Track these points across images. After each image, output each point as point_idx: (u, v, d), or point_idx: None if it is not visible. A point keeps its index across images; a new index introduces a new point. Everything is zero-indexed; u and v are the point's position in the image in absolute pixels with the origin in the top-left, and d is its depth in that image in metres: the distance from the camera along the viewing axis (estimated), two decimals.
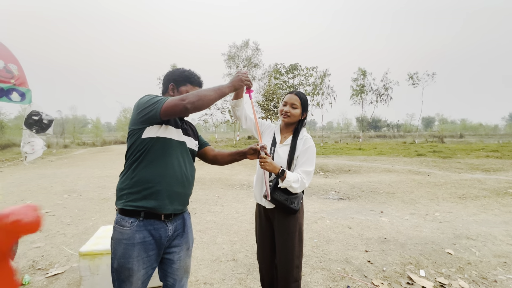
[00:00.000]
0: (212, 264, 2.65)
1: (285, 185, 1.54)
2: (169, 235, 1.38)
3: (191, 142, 1.54)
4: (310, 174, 1.63)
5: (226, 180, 7.08)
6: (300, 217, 1.73)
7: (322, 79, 25.22)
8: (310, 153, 1.65)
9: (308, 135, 1.72)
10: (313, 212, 4.37)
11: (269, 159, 1.51)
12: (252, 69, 29.06)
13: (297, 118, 1.72)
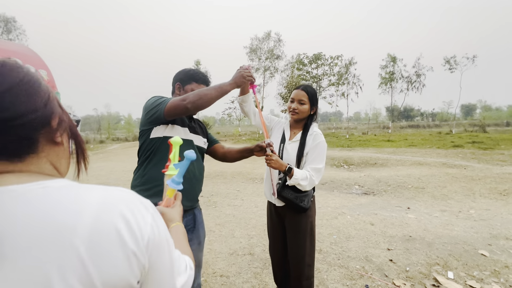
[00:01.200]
0: (229, 257, 2.72)
1: (293, 183, 1.51)
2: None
3: (199, 139, 1.57)
4: (320, 171, 1.58)
5: (247, 174, 7.15)
6: (311, 215, 1.69)
7: (347, 68, 24.15)
8: (320, 150, 1.59)
9: (318, 131, 1.66)
10: (334, 207, 4.26)
11: (275, 157, 1.48)
12: (274, 61, 28.69)
13: (305, 114, 1.66)
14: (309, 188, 1.56)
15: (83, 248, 0.36)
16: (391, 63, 27.95)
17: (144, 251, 0.41)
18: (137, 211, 0.42)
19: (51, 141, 0.46)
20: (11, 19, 20.82)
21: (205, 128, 1.73)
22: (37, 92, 0.43)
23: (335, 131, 26.05)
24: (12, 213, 0.36)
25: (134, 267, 0.40)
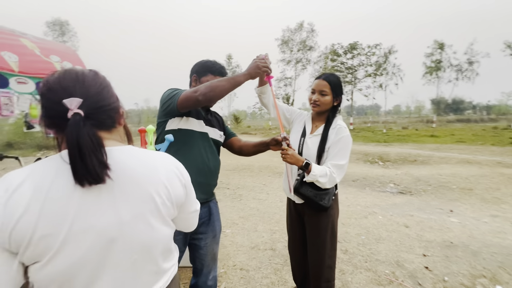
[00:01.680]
0: (250, 251, 2.70)
1: (310, 179, 1.41)
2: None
3: (215, 132, 1.54)
4: (342, 168, 1.45)
5: (274, 168, 7.08)
6: (333, 214, 1.57)
7: (386, 57, 22.41)
8: (343, 144, 1.46)
9: (343, 124, 1.52)
10: (364, 206, 4.00)
11: (291, 151, 1.40)
12: (306, 52, 27.81)
13: (328, 106, 1.53)
14: (330, 186, 1.45)
15: (165, 180, 0.67)
16: (438, 50, 25.27)
17: (185, 183, 0.74)
18: (178, 164, 0.77)
19: (119, 122, 0.69)
20: (65, 22, 23.27)
21: (222, 121, 1.70)
22: (113, 90, 0.67)
23: (371, 125, 24.52)
24: (123, 160, 0.62)
25: (184, 191, 0.74)
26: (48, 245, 0.52)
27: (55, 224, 0.53)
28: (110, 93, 0.65)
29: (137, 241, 0.62)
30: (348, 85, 22.76)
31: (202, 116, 1.49)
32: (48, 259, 0.53)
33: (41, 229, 0.52)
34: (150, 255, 0.66)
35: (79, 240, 0.55)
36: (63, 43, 2.61)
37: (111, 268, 0.60)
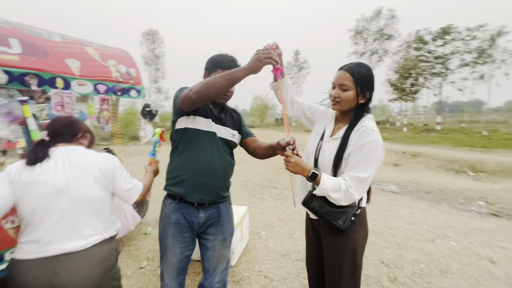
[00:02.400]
0: (281, 258, 2.54)
1: (320, 193, 1.17)
2: (200, 221, 1.43)
3: (226, 131, 1.46)
4: (363, 182, 1.15)
5: None
6: (354, 238, 1.27)
7: (493, 41, 17.77)
8: (367, 152, 1.15)
9: (370, 125, 1.19)
10: (433, 226, 3.26)
11: (295, 159, 1.17)
12: (384, 42, 24.77)
13: (350, 103, 1.24)
14: (345, 203, 1.17)
15: (98, 162, 1.18)
16: None
17: (114, 166, 1.24)
18: (111, 157, 1.26)
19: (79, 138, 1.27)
20: (155, 31, 27.38)
21: (239, 120, 1.59)
22: (75, 124, 1.28)
23: (466, 125, 20.07)
24: (70, 151, 1.17)
25: (112, 171, 1.22)
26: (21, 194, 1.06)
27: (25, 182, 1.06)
28: (71, 126, 1.26)
29: (76, 193, 1.10)
30: (436, 78, 19.14)
31: (213, 115, 1.43)
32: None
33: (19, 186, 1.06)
34: (83, 203, 1.11)
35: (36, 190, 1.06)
36: (123, 49, 3.00)
37: (57, 209, 1.07)
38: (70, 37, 2.38)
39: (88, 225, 1.12)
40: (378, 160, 1.16)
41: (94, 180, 1.14)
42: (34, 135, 1.91)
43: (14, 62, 1.74)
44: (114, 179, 1.22)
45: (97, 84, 2.29)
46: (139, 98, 2.73)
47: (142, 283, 2.18)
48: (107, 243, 1.16)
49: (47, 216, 1.05)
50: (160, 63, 27.97)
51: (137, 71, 2.74)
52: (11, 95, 1.79)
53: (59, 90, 2.00)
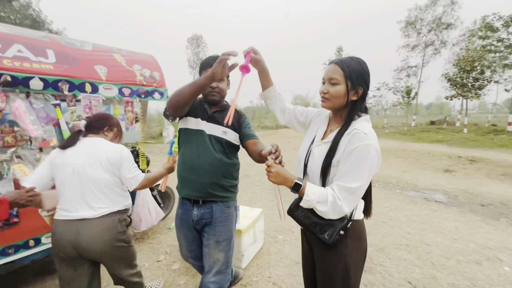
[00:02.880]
0: (293, 266, 2.42)
1: (306, 206, 1.06)
2: (194, 219, 1.51)
3: (217, 129, 1.48)
4: (354, 193, 1.01)
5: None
6: (347, 254, 1.13)
7: None
8: (358, 159, 1.00)
9: (363, 128, 1.04)
10: (481, 246, 2.75)
11: (275, 168, 1.06)
12: (441, 32, 22.06)
13: (340, 99, 1.09)
14: (334, 217, 1.04)
15: (108, 151, 1.44)
16: None
17: (122, 156, 1.47)
18: (122, 148, 1.51)
19: (104, 131, 1.57)
20: (199, 36, 28.97)
21: (239, 119, 1.57)
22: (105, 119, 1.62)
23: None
24: (91, 141, 1.48)
25: (120, 160, 1.46)
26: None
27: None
28: (100, 120, 1.59)
29: (87, 175, 1.39)
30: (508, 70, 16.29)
31: (206, 114, 1.50)
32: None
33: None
34: (93, 183, 1.40)
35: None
36: (150, 54, 3.21)
37: (75, 186, 1.38)
38: (101, 45, 2.62)
39: (97, 200, 1.41)
40: (371, 168, 1.01)
41: (101, 166, 1.41)
42: (65, 135, 2.15)
43: (49, 71, 1.97)
44: (120, 167, 1.46)
45: (122, 88, 2.47)
46: (162, 100, 2.88)
47: (156, 276, 2.29)
48: (114, 215, 1.44)
49: (69, 191, 1.38)
50: None
51: (161, 75, 2.89)
52: (47, 99, 2.04)
53: (87, 94, 2.21)
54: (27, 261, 2.04)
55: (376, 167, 1.03)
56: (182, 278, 2.26)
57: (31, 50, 1.96)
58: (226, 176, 1.51)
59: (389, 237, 2.92)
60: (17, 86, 1.84)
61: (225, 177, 1.51)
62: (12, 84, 1.81)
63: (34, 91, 1.94)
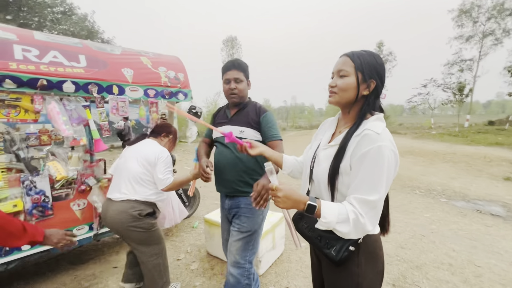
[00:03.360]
0: None
1: (324, 228, 0.89)
2: (226, 207, 1.67)
3: (233, 130, 1.53)
4: (376, 207, 0.85)
5: (408, 180, 5.51)
6: (360, 274, 0.96)
7: None
8: (372, 164, 0.84)
9: (375, 128, 0.88)
10: None
11: (283, 191, 0.89)
12: (505, 19, 19.29)
13: (349, 92, 0.95)
14: (357, 237, 0.89)
15: (147, 151, 1.78)
16: None
17: (156, 157, 1.75)
18: (162, 150, 1.82)
19: (161, 137, 1.99)
20: (234, 38, 29.59)
21: (259, 117, 1.58)
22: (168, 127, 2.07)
23: None
24: (142, 142, 1.89)
25: (154, 161, 1.74)
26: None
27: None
28: (160, 128, 2.02)
29: (126, 166, 1.76)
30: None
31: (227, 118, 1.64)
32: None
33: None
34: (128, 173, 1.72)
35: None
36: (176, 56, 3.28)
37: (118, 173, 1.81)
38: (130, 49, 2.74)
39: (125, 187, 1.71)
40: (388, 175, 0.84)
41: (137, 160, 1.74)
42: (94, 134, 2.28)
43: (80, 74, 2.11)
44: (155, 166, 1.73)
45: (147, 89, 2.55)
46: (186, 100, 2.92)
47: (174, 275, 2.32)
48: (130, 202, 1.69)
49: (116, 176, 1.82)
50: None
51: (185, 76, 2.93)
52: (78, 101, 2.18)
53: (115, 95, 2.32)
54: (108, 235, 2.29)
55: (394, 172, 0.87)
56: (199, 279, 2.25)
57: (65, 55, 2.11)
58: (249, 172, 1.57)
59: (429, 254, 2.57)
60: (52, 89, 1.99)
61: (249, 174, 1.57)
62: (48, 88, 1.97)
63: (67, 94, 2.08)
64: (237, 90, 1.56)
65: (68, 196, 2.19)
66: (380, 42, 27.03)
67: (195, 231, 3.23)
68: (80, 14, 17.33)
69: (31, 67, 1.90)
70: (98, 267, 2.46)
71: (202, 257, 2.62)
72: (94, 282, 2.23)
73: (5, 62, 1.80)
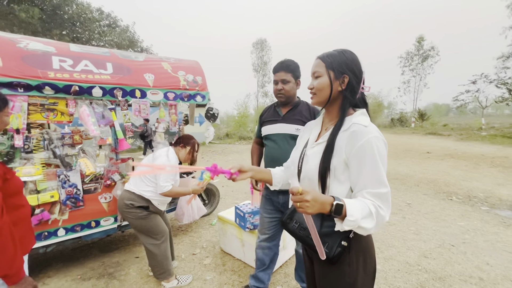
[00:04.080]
0: None
1: (348, 228, 0.83)
2: (280, 202, 1.75)
3: (290, 128, 1.69)
4: (388, 199, 0.85)
5: (444, 185, 5.05)
6: (351, 273, 0.95)
7: None
8: (370, 155, 0.85)
9: (362, 121, 0.90)
10: None
11: (311, 194, 0.79)
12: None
13: (325, 91, 0.97)
14: (375, 231, 0.86)
15: (155, 159, 2.09)
16: None
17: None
18: (171, 160, 2.09)
19: (180, 147, 2.25)
20: (263, 40, 29.88)
21: (314, 116, 1.70)
22: (183, 138, 2.29)
23: None
24: (160, 149, 2.17)
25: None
26: None
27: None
28: (179, 139, 2.26)
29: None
30: None
31: (279, 117, 1.76)
32: None
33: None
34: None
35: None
36: (195, 61, 3.40)
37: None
38: (153, 56, 2.96)
39: (133, 180, 2.08)
40: (384, 163, 0.87)
41: (149, 162, 2.09)
42: (119, 134, 2.51)
43: (107, 80, 2.35)
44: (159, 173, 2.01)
45: (167, 92, 2.73)
46: (204, 102, 3.05)
47: (187, 268, 2.44)
48: (129, 193, 2.03)
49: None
50: (267, 69, 30.11)
51: (203, 79, 3.07)
52: (105, 105, 2.42)
53: (137, 99, 2.53)
54: (89, 238, 2.46)
55: (386, 159, 0.89)
56: (210, 274, 2.33)
57: (94, 64, 2.37)
58: None
59: (456, 265, 2.34)
60: (83, 94, 2.24)
61: None
62: (80, 93, 2.22)
63: (96, 98, 2.33)
64: (284, 91, 1.68)
65: (96, 190, 2.44)
66: (420, 37, 25.08)
67: (212, 228, 3.35)
68: (122, 26, 18.96)
69: (66, 75, 2.16)
70: (123, 256, 2.69)
71: (216, 253, 2.71)
72: (117, 269, 2.45)
73: (45, 71, 2.08)
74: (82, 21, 14.95)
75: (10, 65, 1.94)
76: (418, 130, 19.69)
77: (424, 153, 8.84)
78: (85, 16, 15.04)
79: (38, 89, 2.03)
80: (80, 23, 14.96)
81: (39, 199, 2.11)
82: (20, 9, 11.32)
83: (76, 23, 14.90)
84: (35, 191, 2.11)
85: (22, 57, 2.04)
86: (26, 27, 11.93)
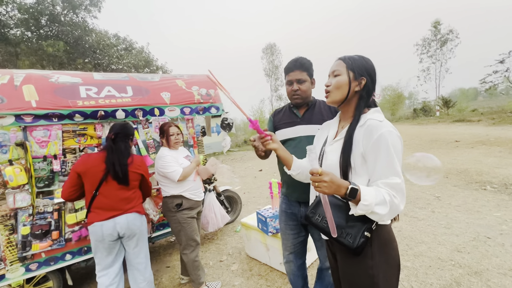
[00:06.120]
0: None
1: (362, 212, 0.90)
2: (301, 215, 1.58)
3: (311, 129, 1.51)
4: (402, 190, 0.90)
5: (476, 174, 4.76)
6: (374, 266, 0.98)
7: None
8: (385, 148, 0.91)
9: (376, 117, 0.99)
10: None
11: (329, 176, 0.88)
12: None
13: (342, 89, 1.04)
14: (388, 219, 0.93)
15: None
16: None
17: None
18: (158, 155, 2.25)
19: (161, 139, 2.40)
20: (273, 44, 30.09)
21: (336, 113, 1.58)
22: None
23: None
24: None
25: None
26: None
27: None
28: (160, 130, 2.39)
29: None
30: None
31: (298, 118, 1.57)
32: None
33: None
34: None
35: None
36: (206, 75, 3.56)
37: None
38: (167, 75, 3.15)
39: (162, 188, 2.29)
40: (399, 156, 0.92)
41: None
42: (142, 151, 2.68)
43: (128, 103, 2.53)
44: (158, 169, 2.19)
45: (183, 108, 2.88)
46: (218, 113, 3.17)
47: (216, 275, 2.52)
48: (165, 198, 2.25)
49: None
50: (279, 73, 30.18)
51: (216, 92, 3.20)
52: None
53: (156, 117, 2.69)
54: (162, 238, 2.80)
55: (401, 152, 0.94)
56: (238, 279, 2.40)
57: (116, 89, 2.57)
58: None
59: (494, 258, 2.22)
60: (108, 117, 2.44)
61: None
62: (105, 117, 2.42)
63: (119, 120, 2.52)
64: (300, 91, 1.51)
65: None
66: (436, 21, 23.97)
67: (237, 235, 3.42)
68: (138, 48, 20.00)
69: (92, 102, 2.37)
70: (154, 266, 2.83)
71: (242, 259, 2.78)
72: None
73: (74, 101, 2.30)
74: (101, 48, 15.99)
75: (45, 99, 2.17)
76: (444, 118, 18.65)
77: (452, 142, 8.38)
78: (103, 43, 16.07)
79: (69, 117, 2.24)
80: (100, 50, 16.01)
81: (77, 217, 2.30)
82: (47, 44, 12.37)
83: (96, 50, 15.97)
84: (73, 209, 2.31)
85: (54, 90, 2.27)
86: (53, 60, 13.01)
